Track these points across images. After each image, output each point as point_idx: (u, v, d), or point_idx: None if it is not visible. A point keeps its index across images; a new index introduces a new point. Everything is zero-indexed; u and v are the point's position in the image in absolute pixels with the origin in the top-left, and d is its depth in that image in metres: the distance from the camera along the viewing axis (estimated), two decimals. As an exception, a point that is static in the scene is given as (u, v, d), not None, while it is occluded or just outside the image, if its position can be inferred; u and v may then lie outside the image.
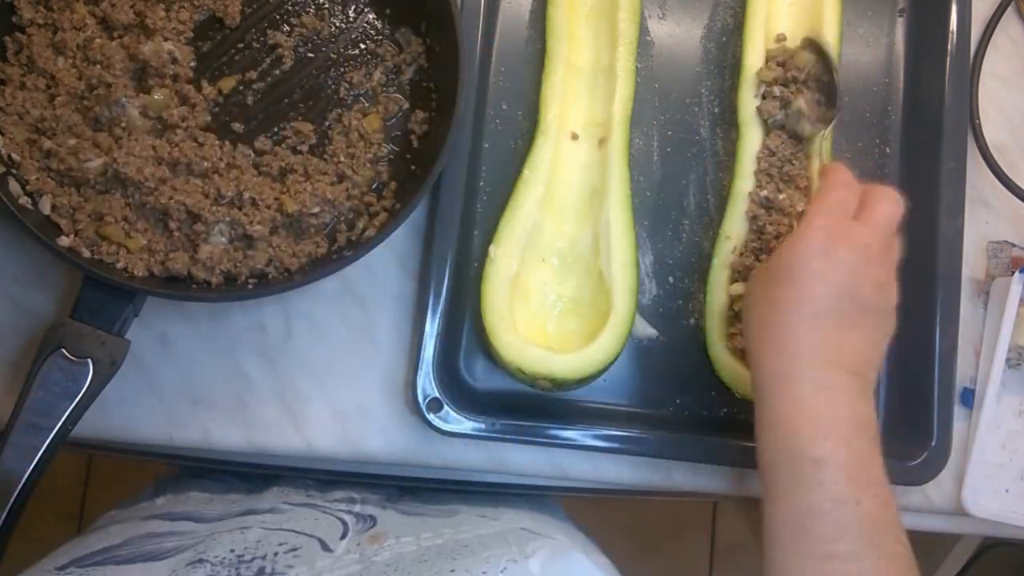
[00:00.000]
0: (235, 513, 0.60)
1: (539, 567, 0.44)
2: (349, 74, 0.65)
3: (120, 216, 0.58)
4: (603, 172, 0.66)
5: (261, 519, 0.59)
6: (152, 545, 0.54)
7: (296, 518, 0.59)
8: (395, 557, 0.51)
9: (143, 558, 0.51)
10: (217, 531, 0.56)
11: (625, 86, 0.67)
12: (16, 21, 0.59)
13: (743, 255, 0.67)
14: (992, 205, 0.74)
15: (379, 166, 0.64)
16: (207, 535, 0.55)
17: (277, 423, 0.64)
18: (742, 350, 0.65)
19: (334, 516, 0.60)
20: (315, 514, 0.60)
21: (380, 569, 0.49)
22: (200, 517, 0.61)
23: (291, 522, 0.58)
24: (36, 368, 0.55)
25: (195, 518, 0.60)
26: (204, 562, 0.49)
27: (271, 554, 0.51)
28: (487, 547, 0.50)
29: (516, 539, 0.50)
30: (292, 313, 0.65)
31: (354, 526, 0.58)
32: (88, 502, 1.54)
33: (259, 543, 0.53)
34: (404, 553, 0.52)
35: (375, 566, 0.50)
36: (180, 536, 0.55)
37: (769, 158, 0.68)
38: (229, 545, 0.52)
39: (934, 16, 0.73)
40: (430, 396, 0.62)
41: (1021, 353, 0.72)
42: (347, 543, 0.55)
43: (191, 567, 0.49)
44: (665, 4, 0.73)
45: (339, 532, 0.57)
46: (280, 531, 0.56)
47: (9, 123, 0.57)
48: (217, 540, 0.53)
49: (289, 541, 0.53)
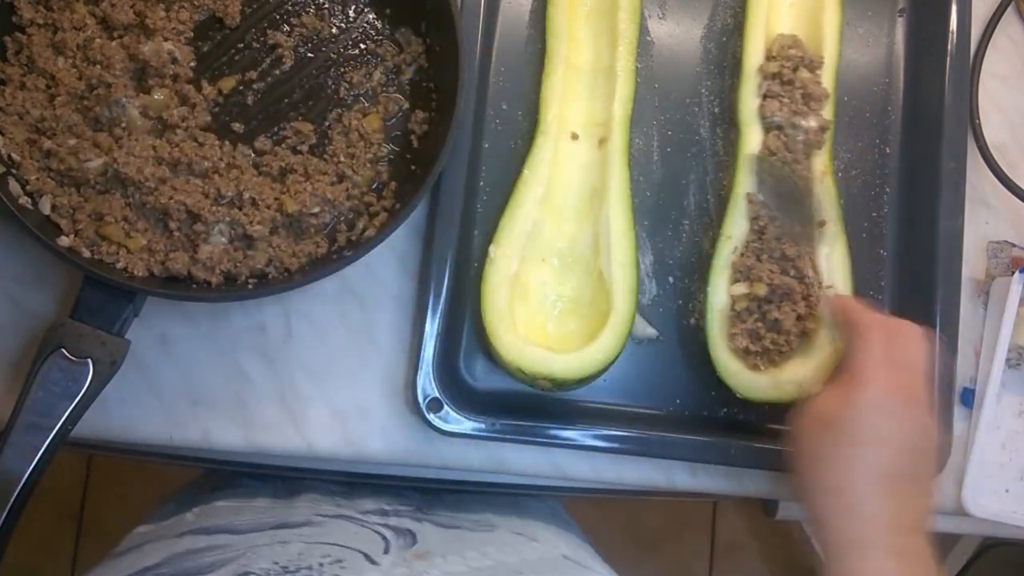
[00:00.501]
0: (269, 525, 0.60)
1: None
2: (349, 74, 0.65)
3: (120, 216, 0.58)
4: (603, 172, 0.66)
5: (298, 532, 0.59)
6: (192, 562, 0.53)
7: (335, 531, 0.59)
8: None
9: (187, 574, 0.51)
10: (254, 544, 0.55)
11: (625, 86, 0.67)
12: (16, 21, 0.59)
13: (743, 255, 0.67)
14: (992, 205, 0.74)
15: (379, 166, 0.64)
16: (246, 548, 0.54)
17: (277, 423, 0.64)
18: (743, 350, 0.66)
19: (371, 530, 0.60)
20: (352, 527, 0.60)
21: None
22: (235, 529, 0.60)
23: (330, 535, 0.58)
24: (36, 368, 0.55)
25: (230, 530, 0.60)
26: (249, 574, 0.49)
27: (316, 564, 0.51)
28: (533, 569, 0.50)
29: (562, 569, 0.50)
30: (292, 313, 0.65)
31: (395, 541, 0.58)
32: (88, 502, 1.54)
33: (301, 555, 0.53)
34: (454, 573, 0.52)
35: None
36: (219, 550, 0.55)
37: (770, 158, 0.68)
38: (271, 557, 0.52)
39: (934, 16, 0.73)
40: (430, 396, 0.62)
41: (1021, 353, 0.72)
42: (392, 557, 0.55)
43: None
44: (665, 4, 0.73)
45: (381, 547, 0.57)
46: (321, 544, 0.55)
47: (9, 123, 0.57)
48: (257, 552, 0.53)
49: (332, 554, 0.53)
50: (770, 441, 0.66)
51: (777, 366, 0.66)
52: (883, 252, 0.72)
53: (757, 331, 0.66)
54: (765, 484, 0.69)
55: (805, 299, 0.66)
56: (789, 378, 0.65)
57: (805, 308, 0.65)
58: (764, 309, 0.66)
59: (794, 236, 0.65)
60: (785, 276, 0.66)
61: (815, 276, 0.66)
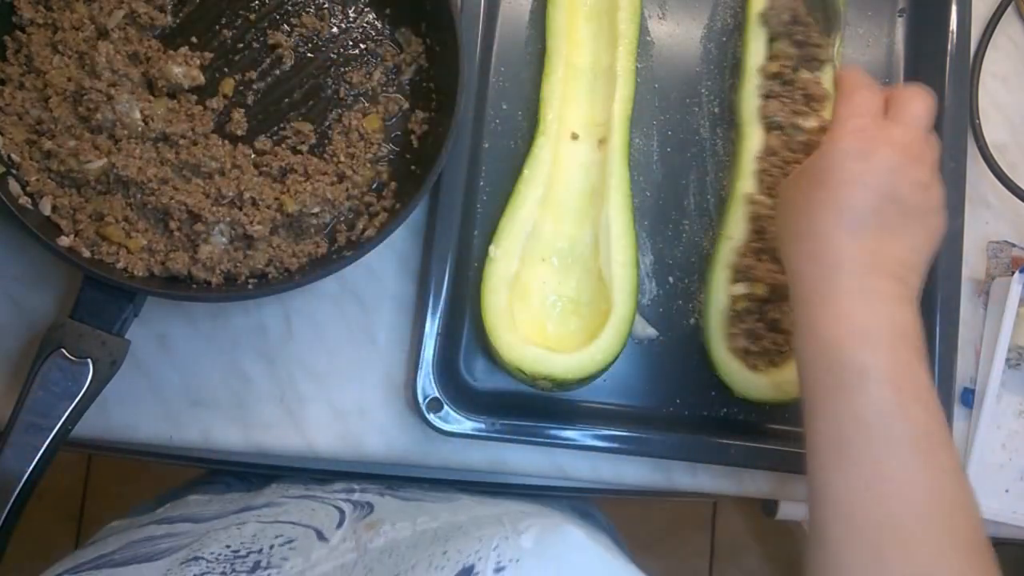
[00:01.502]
0: (232, 511, 0.60)
1: (531, 542, 0.43)
2: (349, 74, 0.65)
3: (121, 216, 0.58)
4: (603, 172, 0.66)
5: (257, 513, 0.58)
6: (147, 548, 0.53)
7: (293, 510, 0.59)
8: (390, 543, 0.50)
9: (138, 560, 0.51)
10: (213, 529, 0.55)
11: (625, 86, 0.67)
12: (16, 21, 0.59)
13: (743, 255, 0.67)
14: (992, 205, 0.74)
15: (379, 166, 0.64)
16: (203, 534, 0.54)
17: (277, 423, 0.64)
18: (743, 350, 0.66)
19: (331, 505, 0.59)
20: (312, 504, 0.60)
21: (375, 556, 0.49)
22: (197, 518, 0.60)
23: (288, 514, 0.57)
24: (36, 368, 0.55)
25: (193, 519, 0.60)
26: (199, 559, 0.49)
27: (267, 547, 0.51)
28: (480, 527, 0.48)
29: (511, 519, 0.48)
30: (292, 313, 0.65)
31: (351, 514, 0.57)
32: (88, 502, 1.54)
33: (255, 537, 0.52)
34: (399, 539, 0.51)
35: (369, 554, 0.49)
36: (176, 537, 0.55)
37: (770, 158, 0.68)
38: (225, 541, 0.52)
39: (934, 16, 0.73)
40: (430, 396, 0.62)
41: (1021, 353, 0.72)
42: (343, 531, 0.54)
43: (185, 565, 0.48)
44: (665, 4, 0.73)
45: (336, 521, 0.56)
46: (276, 523, 0.55)
47: (9, 123, 0.57)
48: (212, 537, 0.53)
49: (285, 533, 0.53)
50: (770, 441, 0.66)
51: (777, 366, 0.66)
52: (883, 252, 0.72)
53: (757, 331, 0.66)
54: (765, 484, 0.69)
55: (805, 299, 0.66)
56: (789, 378, 0.65)
57: (805, 308, 0.65)
58: (764, 309, 0.66)
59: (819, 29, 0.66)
60: (785, 276, 0.65)
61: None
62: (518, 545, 0.43)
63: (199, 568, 0.48)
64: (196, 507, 0.64)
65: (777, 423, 0.69)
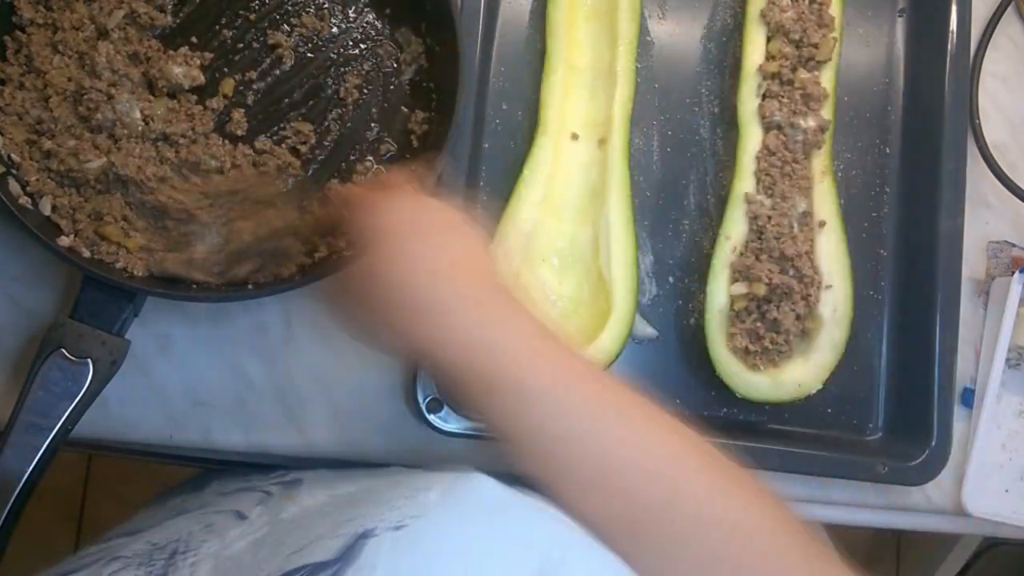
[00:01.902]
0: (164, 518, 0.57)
1: (437, 495, 0.41)
2: (349, 74, 0.65)
3: (120, 216, 0.58)
4: (603, 172, 0.66)
5: (190, 514, 0.56)
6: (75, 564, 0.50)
7: (221, 501, 0.57)
8: (302, 512, 0.49)
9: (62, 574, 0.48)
10: (141, 530, 0.53)
11: (625, 86, 0.67)
12: (16, 21, 0.59)
13: (743, 255, 0.67)
14: (992, 205, 0.74)
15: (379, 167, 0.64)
16: (131, 541, 0.52)
17: (277, 423, 0.64)
18: (742, 350, 0.66)
19: (261, 491, 0.57)
20: (242, 493, 0.58)
21: (285, 528, 0.46)
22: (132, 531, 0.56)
23: (215, 504, 0.55)
24: (36, 368, 0.55)
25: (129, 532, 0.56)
26: (117, 558, 0.47)
27: (184, 535, 0.49)
28: (395, 488, 0.45)
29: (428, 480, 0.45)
30: (292, 313, 0.65)
31: (279, 492, 0.55)
32: (88, 502, 1.54)
33: (180, 530, 0.51)
34: (311, 506, 0.49)
35: (281, 525, 0.47)
36: (107, 550, 0.52)
37: (769, 158, 0.68)
38: (149, 539, 0.50)
39: (934, 16, 0.73)
40: (430, 396, 0.62)
41: (1021, 353, 0.72)
42: (262, 508, 0.52)
43: (104, 565, 0.46)
44: (665, 4, 0.73)
45: (257, 500, 0.54)
46: (202, 513, 0.53)
47: (8, 123, 0.57)
48: (136, 538, 0.51)
49: (207, 520, 0.51)
50: (770, 441, 0.66)
51: (777, 366, 0.66)
52: (883, 252, 0.72)
53: (756, 331, 0.66)
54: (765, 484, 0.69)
55: (804, 299, 0.66)
56: (789, 378, 0.65)
57: (804, 308, 0.65)
58: (763, 309, 0.66)
59: None
60: (784, 276, 0.66)
61: (815, 275, 0.66)
62: (423, 501, 0.41)
63: (118, 565, 0.46)
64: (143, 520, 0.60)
65: (777, 423, 0.69)
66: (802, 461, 0.66)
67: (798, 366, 0.66)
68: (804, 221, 0.67)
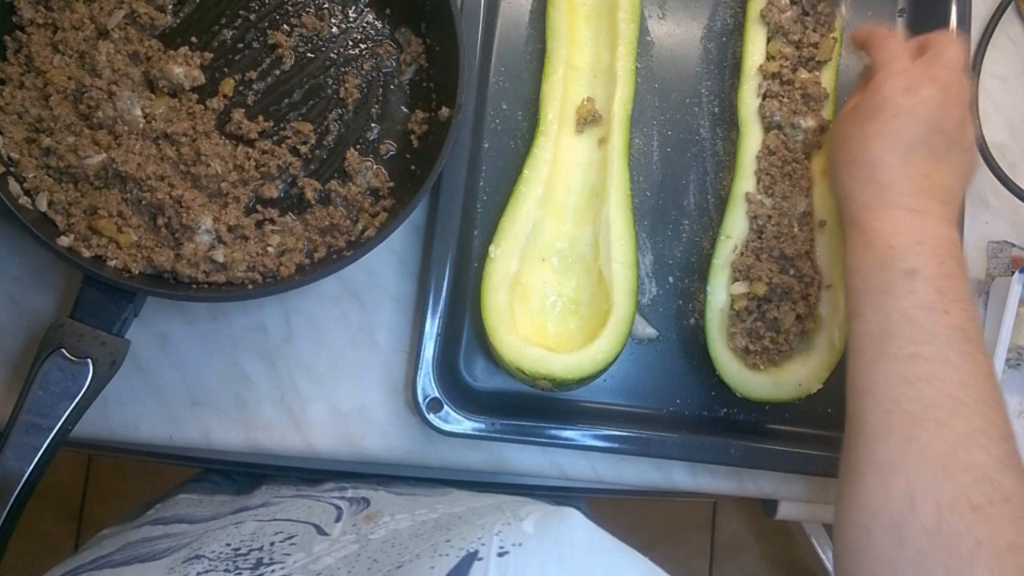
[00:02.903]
0: (227, 512, 0.60)
1: (533, 527, 0.43)
2: (349, 74, 0.65)
3: (115, 211, 0.58)
4: (603, 172, 0.66)
5: (254, 513, 0.58)
6: (146, 548, 0.53)
7: (289, 507, 0.59)
8: (391, 534, 0.51)
9: (139, 559, 0.51)
10: (211, 529, 0.55)
11: (625, 86, 0.67)
12: (16, 20, 0.59)
13: (743, 255, 0.67)
14: (992, 205, 0.74)
15: (379, 166, 0.64)
16: (201, 533, 0.54)
17: (277, 423, 0.64)
18: (743, 350, 0.66)
19: (327, 503, 0.60)
20: (308, 503, 0.60)
21: (377, 546, 0.49)
22: (192, 518, 0.60)
23: (285, 512, 0.58)
24: (36, 368, 0.55)
25: (187, 520, 0.60)
26: (200, 558, 0.49)
27: (267, 544, 0.51)
28: (481, 516, 0.49)
29: (509, 507, 0.50)
30: (292, 313, 0.65)
31: (348, 509, 0.58)
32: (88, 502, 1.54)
33: (254, 535, 0.53)
34: (400, 529, 0.52)
35: (372, 544, 0.50)
36: (173, 537, 0.55)
37: (769, 158, 0.68)
38: (225, 540, 0.52)
39: (934, 16, 0.73)
40: (430, 396, 0.62)
41: (1021, 353, 0.72)
42: (343, 525, 0.55)
43: (188, 563, 0.48)
44: (665, 4, 0.73)
45: (334, 516, 0.56)
46: (274, 521, 0.55)
47: (8, 122, 0.57)
48: (212, 536, 0.53)
49: (284, 530, 0.53)
50: (770, 441, 0.66)
51: (777, 366, 0.66)
52: (883, 252, 0.72)
53: (757, 331, 0.66)
54: (765, 484, 0.69)
55: (804, 298, 0.66)
56: (789, 378, 0.65)
57: (805, 307, 0.65)
58: (764, 309, 0.66)
59: None
60: (784, 275, 0.66)
61: (815, 275, 0.66)
62: (520, 530, 0.43)
63: (202, 566, 0.48)
64: (188, 507, 0.64)
65: (777, 423, 0.69)
66: (802, 461, 0.66)
67: (798, 366, 0.66)
68: (804, 221, 0.67)
